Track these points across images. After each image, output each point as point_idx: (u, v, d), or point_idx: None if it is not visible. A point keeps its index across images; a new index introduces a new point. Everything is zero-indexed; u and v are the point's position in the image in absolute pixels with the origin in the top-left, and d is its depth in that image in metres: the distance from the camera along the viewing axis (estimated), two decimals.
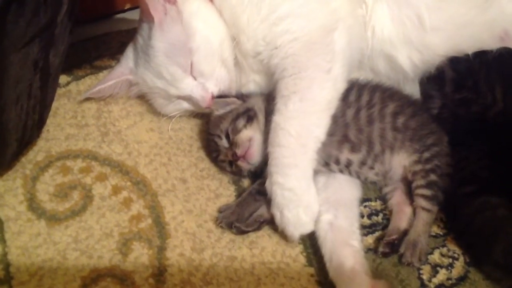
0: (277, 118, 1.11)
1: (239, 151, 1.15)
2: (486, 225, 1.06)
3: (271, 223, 1.12)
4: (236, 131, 1.16)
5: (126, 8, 1.57)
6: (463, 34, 1.20)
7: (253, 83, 1.26)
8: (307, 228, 1.09)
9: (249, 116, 1.17)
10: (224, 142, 1.18)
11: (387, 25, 1.21)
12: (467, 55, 1.19)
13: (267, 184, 1.10)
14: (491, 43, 1.18)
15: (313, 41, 1.15)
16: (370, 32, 1.21)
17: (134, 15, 1.55)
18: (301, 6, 1.19)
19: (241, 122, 1.16)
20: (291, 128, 1.10)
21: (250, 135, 1.16)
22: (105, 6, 1.46)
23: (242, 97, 1.24)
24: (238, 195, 1.19)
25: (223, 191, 1.20)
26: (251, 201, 1.13)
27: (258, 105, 1.20)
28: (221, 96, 1.22)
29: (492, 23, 1.19)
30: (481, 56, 1.18)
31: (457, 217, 1.11)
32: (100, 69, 1.39)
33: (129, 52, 1.28)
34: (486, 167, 1.10)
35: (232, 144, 1.16)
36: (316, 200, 1.10)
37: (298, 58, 1.14)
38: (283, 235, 1.11)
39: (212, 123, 1.21)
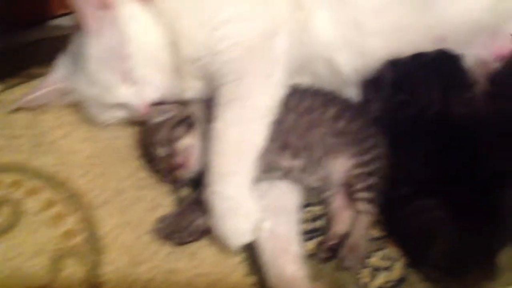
0: (216, 125, 1.09)
1: (178, 160, 1.13)
2: (423, 227, 1.06)
3: (211, 232, 1.10)
4: (175, 139, 1.13)
5: (59, 13, 1.52)
6: (401, 37, 1.20)
7: (193, 89, 1.23)
8: (247, 237, 1.08)
9: (188, 123, 1.15)
10: (162, 151, 1.15)
11: (327, 29, 1.20)
12: (406, 57, 1.19)
13: (206, 193, 1.08)
14: (428, 47, 1.19)
15: (254, 46, 1.14)
16: (311, 36, 1.20)
17: (68, 21, 1.51)
18: (242, 10, 1.17)
19: (180, 130, 1.14)
20: (231, 136, 1.08)
21: (189, 142, 1.14)
22: (38, 11, 1.41)
23: (181, 104, 1.21)
24: (178, 205, 1.16)
25: (162, 201, 1.17)
26: (191, 211, 1.11)
27: (197, 111, 1.17)
28: (159, 103, 1.19)
29: (430, 27, 1.20)
30: (419, 58, 1.19)
31: (395, 219, 1.12)
32: (33, 77, 1.33)
33: (63, 59, 1.24)
34: (423, 169, 1.10)
35: (171, 152, 1.14)
36: (256, 209, 1.08)
37: (239, 63, 1.13)
38: (223, 245, 1.09)
39: (149, 131, 1.18)
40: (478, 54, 1.24)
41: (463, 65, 1.19)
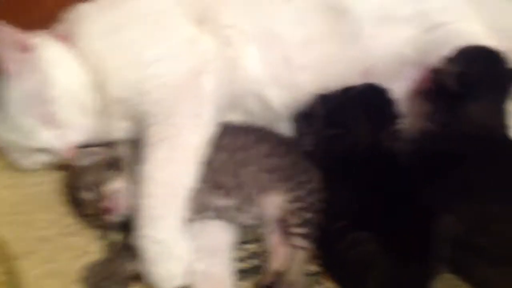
0: (145, 167, 1.07)
1: (106, 204, 1.09)
2: (358, 260, 1.06)
3: (142, 279, 1.06)
4: (102, 182, 1.10)
5: None
6: (329, 71, 1.22)
7: (121, 130, 1.20)
8: (179, 282, 1.05)
9: (116, 166, 1.12)
10: (89, 195, 1.11)
11: (256, 66, 1.21)
12: (335, 92, 1.21)
13: (136, 237, 1.05)
14: (355, 80, 1.22)
15: (181, 85, 1.13)
16: (240, 72, 1.20)
17: None
18: (168, 49, 1.17)
19: (107, 173, 1.11)
20: (160, 177, 1.06)
21: (117, 186, 1.10)
22: None
23: (108, 145, 1.18)
24: (106, 251, 1.12)
25: (90, 248, 1.13)
26: (120, 257, 1.07)
27: (125, 153, 1.15)
28: (85, 146, 1.16)
29: (355, 61, 1.23)
30: (347, 92, 1.21)
31: (330, 253, 1.11)
32: None
33: None
34: (356, 202, 1.10)
35: (99, 196, 1.10)
36: (187, 251, 1.05)
37: (167, 103, 1.12)
38: None
39: (76, 174, 1.14)
40: (404, 87, 1.27)
41: (389, 98, 1.21)
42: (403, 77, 1.26)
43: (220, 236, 1.15)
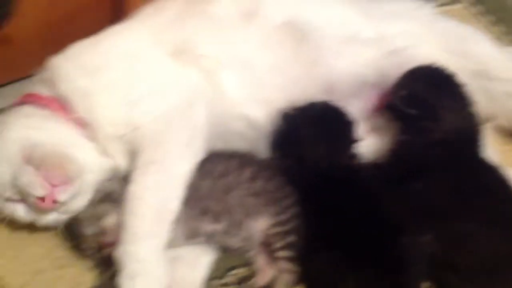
0: (132, 188, 1.10)
1: (108, 239, 1.10)
2: (329, 280, 1.09)
3: None
4: (101, 216, 1.12)
5: None
6: (297, 90, 1.27)
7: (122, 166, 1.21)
8: None
9: (112, 199, 1.13)
10: (89, 229, 1.13)
11: (235, 89, 1.25)
12: (295, 110, 1.24)
13: (118, 253, 1.07)
14: (320, 96, 1.27)
15: (172, 118, 1.17)
16: (224, 98, 1.24)
17: None
18: (156, 84, 1.20)
19: (105, 206, 1.13)
20: (146, 199, 1.09)
21: (116, 220, 1.11)
22: None
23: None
24: (100, 280, 1.14)
25: (84, 279, 1.15)
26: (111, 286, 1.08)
27: (118, 187, 1.15)
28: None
29: (319, 78, 1.28)
30: (306, 111, 1.24)
31: (306, 273, 1.13)
32: None
33: None
34: (325, 223, 1.13)
35: (99, 231, 1.12)
36: (166, 274, 1.08)
37: (158, 134, 1.15)
38: None
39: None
40: (364, 106, 1.32)
41: (347, 117, 1.25)
42: (364, 97, 1.32)
43: (190, 272, 1.17)
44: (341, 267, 1.08)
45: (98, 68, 1.19)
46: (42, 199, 1.09)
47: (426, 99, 1.21)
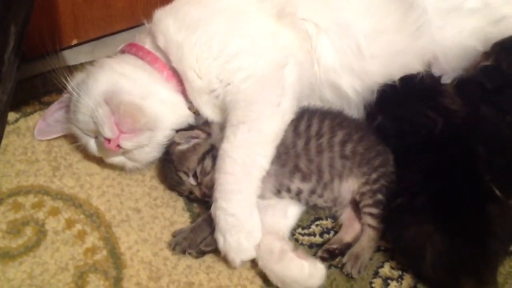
0: (225, 146, 1.14)
1: (208, 192, 1.16)
2: (413, 240, 1.09)
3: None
4: (205, 173, 1.17)
5: (72, 44, 1.58)
6: (397, 60, 1.27)
7: (210, 116, 1.25)
8: (248, 255, 1.11)
9: (214, 155, 1.17)
10: (191, 180, 1.18)
11: (331, 56, 1.26)
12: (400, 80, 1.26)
13: (212, 208, 1.12)
14: (420, 67, 1.27)
15: (264, 77, 1.19)
16: (317, 63, 1.26)
17: (81, 50, 1.58)
18: (251, 43, 1.23)
19: (208, 164, 1.17)
20: (238, 157, 1.12)
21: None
22: (52, 42, 1.47)
23: (204, 127, 1.23)
24: (193, 221, 1.20)
25: (177, 218, 1.22)
26: (205, 227, 1.15)
27: (218, 138, 1.19)
28: (185, 129, 1.23)
29: (423, 49, 1.28)
30: (409, 80, 1.25)
31: (391, 231, 1.15)
32: (49, 104, 1.38)
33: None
34: (416, 181, 1.14)
35: (201, 183, 1.18)
36: (258, 227, 1.11)
37: (250, 92, 1.18)
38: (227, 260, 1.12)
39: (177, 158, 1.20)
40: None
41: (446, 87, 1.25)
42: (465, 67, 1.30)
43: (279, 220, 1.20)
44: (424, 229, 1.08)
45: (199, 22, 1.22)
46: (108, 140, 1.16)
47: (506, 74, 1.19)
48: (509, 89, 1.20)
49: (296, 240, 1.20)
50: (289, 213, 1.22)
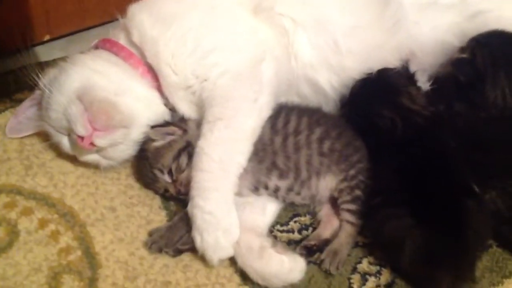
0: (201, 143, 1.13)
1: (183, 189, 1.15)
2: (392, 234, 1.09)
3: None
4: (180, 170, 1.16)
5: (45, 39, 1.55)
6: (374, 56, 1.26)
7: (186, 112, 1.24)
8: (226, 253, 1.10)
9: (190, 152, 1.16)
10: (166, 177, 1.17)
11: (308, 51, 1.25)
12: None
13: (189, 207, 1.11)
14: (398, 63, 1.26)
15: (241, 72, 1.18)
16: (294, 59, 1.25)
17: (54, 46, 1.55)
18: (228, 38, 1.22)
19: (184, 161, 1.16)
20: (214, 154, 1.11)
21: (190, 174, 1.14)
22: (23, 38, 1.44)
23: (180, 124, 1.21)
24: (170, 219, 1.19)
25: (154, 217, 1.20)
26: (182, 225, 1.13)
27: (195, 135, 1.18)
28: (160, 125, 1.21)
29: (400, 45, 1.27)
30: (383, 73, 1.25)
31: (370, 227, 1.15)
32: (20, 102, 1.34)
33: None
34: (394, 179, 1.13)
35: (176, 181, 1.16)
36: (236, 225, 1.10)
37: (226, 88, 1.16)
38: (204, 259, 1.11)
39: (152, 155, 1.18)
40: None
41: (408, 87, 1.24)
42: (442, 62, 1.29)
43: (257, 217, 1.20)
44: (403, 222, 1.08)
45: (174, 17, 1.21)
46: (82, 138, 1.14)
47: (480, 68, 1.19)
48: (482, 84, 1.20)
49: (275, 236, 1.19)
50: (267, 210, 1.21)
